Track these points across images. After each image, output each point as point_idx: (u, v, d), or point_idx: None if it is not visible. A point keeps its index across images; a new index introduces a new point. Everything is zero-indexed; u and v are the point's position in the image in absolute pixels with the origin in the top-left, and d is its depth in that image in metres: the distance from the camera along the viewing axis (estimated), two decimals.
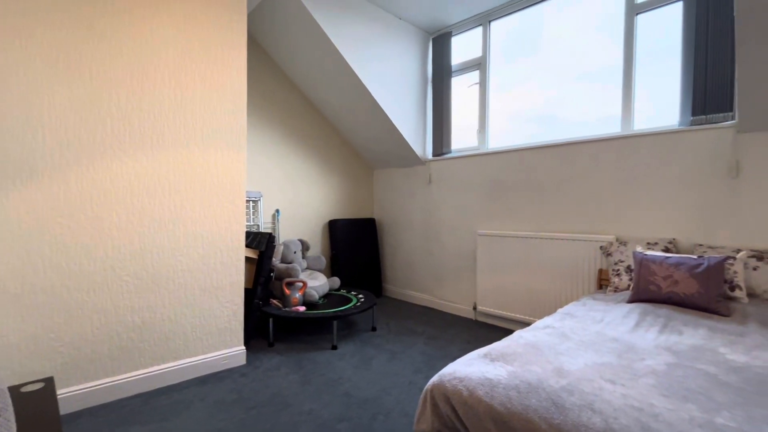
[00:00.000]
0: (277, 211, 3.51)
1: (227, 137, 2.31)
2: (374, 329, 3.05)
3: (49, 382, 1.31)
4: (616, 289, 2.30)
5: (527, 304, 2.94)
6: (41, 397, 1.21)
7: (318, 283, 3.10)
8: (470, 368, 1.26)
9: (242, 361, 2.40)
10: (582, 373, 1.19)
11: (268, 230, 3.45)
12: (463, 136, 3.61)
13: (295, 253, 3.24)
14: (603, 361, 1.29)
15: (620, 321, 1.72)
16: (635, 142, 2.49)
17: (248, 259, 2.72)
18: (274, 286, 3.05)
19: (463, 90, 3.60)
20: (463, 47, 3.58)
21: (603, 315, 1.82)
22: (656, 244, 2.32)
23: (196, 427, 1.73)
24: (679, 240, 2.33)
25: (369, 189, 4.38)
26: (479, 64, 3.43)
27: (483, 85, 3.40)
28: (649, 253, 2.12)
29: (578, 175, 2.75)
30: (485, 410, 1.10)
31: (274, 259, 3.16)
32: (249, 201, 3.30)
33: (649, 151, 2.44)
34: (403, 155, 3.81)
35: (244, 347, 2.43)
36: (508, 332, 2.93)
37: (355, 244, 3.96)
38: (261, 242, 2.71)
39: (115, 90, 1.92)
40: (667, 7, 2.43)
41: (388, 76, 3.40)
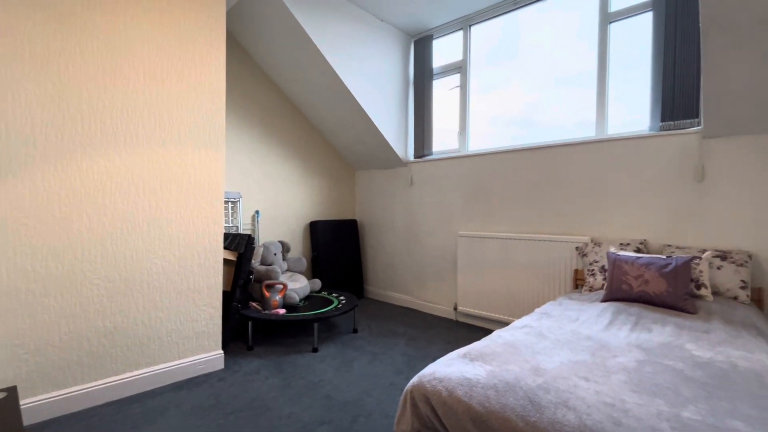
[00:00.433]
0: (257, 212, 3.46)
1: (205, 136, 2.26)
2: (355, 331, 3.04)
3: (12, 391, 1.25)
4: (591, 289, 2.37)
5: (506, 304, 2.99)
6: (3, 407, 1.15)
7: (299, 285, 3.07)
8: (450, 368, 1.27)
9: (220, 365, 2.35)
10: (558, 372, 1.22)
11: (248, 231, 3.40)
12: (444, 139, 3.65)
13: (275, 254, 3.20)
14: (578, 359, 1.33)
15: (594, 320, 1.77)
16: (609, 146, 2.58)
17: (227, 261, 2.66)
18: (253, 289, 3.00)
19: (444, 93, 3.64)
20: (444, 50, 3.63)
21: (578, 314, 1.88)
22: (628, 244, 2.40)
23: None
24: (650, 241, 2.42)
25: (351, 190, 4.37)
26: (460, 68, 3.48)
27: (464, 88, 3.45)
28: (621, 253, 2.20)
29: (555, 178, 2.83)
30: (464, 410, 1.12)
31: (253, 261, 3.11)
32: (228, 202, 3.24)
33: (622, 155, 2.53)
34: (385, 157, 3.82)
35: (222, 351, 2.38)
36: (488, 332, 2.97)
37: (336, 246, 3.94)
38: (240, 244, 2.66)
39: (85, 86, 1.85)
40: (639, 16, 2.53)
41: (370, 77, 3.40)
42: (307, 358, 2.49)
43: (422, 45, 3.67)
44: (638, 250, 2.35)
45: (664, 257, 2.06)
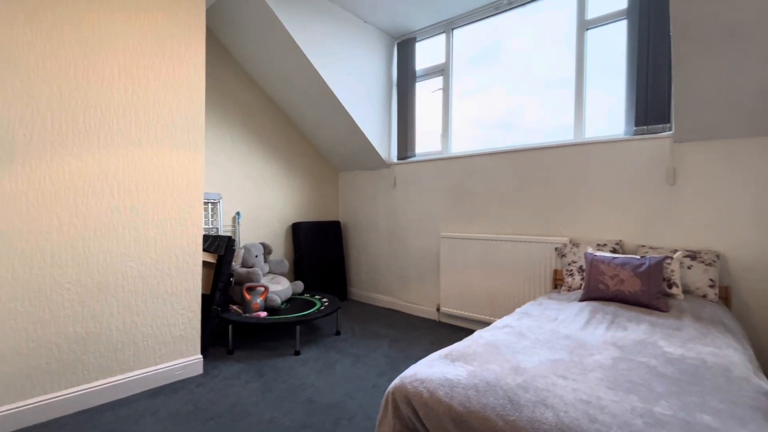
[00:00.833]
0: (238, 213, 3.40)
1: (183, 136, 2.21)
2: (338, 333, 3.02)
3: None
4: (570, 289, 2.43)
5: (488, 304, 3.03)
6: None
7: (280, 288, 3.03)
8: (431, 369, 1.28)
9: (199, 370, 2.29)
10: (537, 370, 1.24)
11: (228, 233, 3.33)
12: (427, 141, 3.67)
13: (256, 257, 3.14)
14: (556, 357, 1.35)
15: (572, 319, 1.81)
16: (586, 149, 2.65)
17: (206, 264, 2.61)
18: (234, 292, 2.94)
19: (427, 95, 3.66)
20: (427, 53, 3.65)
21: (557, 314, 1.91)
22: (605, 245, 2.47)
23: None
24: (625, 241, 2.50)
25: (334, 191, 4.34)
26: (443, 71, 3.51)
27: (446, 90, 3.48)
28: (598, 254, 2.26)
29: (536, 180, 2.88)
30: (445, 411, 1.12)
31: (234, 263, 3.05)
32: (207, 203, 3.17)
33: (599, 159, 2.60)
34: (368, 158, 3.82)
35: (201, 356, 2.32)
36: (470, 332, 3.00)
37: (319, 247, 3.91)
38: (220, 246, 2.61)
39: (56, 83, 1.78)
40: (614, 24, 2.61)
41: (353, 79, 3.39)
42: (289, 362, 2.46)
43: (405, 47, 3.69)
44: (614, 251, 2.42)
45: (638, 257, 2.12)
